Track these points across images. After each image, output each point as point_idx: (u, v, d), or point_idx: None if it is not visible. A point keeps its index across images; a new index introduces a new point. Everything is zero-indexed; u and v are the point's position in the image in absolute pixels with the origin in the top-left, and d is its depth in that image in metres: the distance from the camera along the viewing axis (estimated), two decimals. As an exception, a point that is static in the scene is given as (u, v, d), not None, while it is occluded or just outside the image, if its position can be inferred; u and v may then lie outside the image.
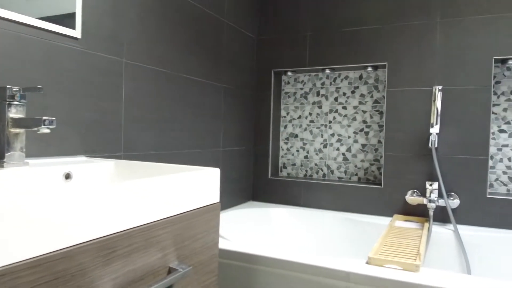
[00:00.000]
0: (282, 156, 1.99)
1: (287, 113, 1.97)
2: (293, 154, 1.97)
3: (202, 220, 0.73)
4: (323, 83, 1.90)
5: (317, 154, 1.91)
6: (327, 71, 1.79)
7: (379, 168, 1.78)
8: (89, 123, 1.01)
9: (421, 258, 1.00)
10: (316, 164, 1.92)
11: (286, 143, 1.98)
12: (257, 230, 1.67)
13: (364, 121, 1.81)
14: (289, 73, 1.88)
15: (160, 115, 1.28)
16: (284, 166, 1.99)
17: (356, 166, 1.83)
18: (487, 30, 1.48)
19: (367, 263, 1.00)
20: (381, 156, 1.77)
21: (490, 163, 1.59)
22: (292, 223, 1.72)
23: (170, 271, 0.64)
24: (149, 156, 1.23)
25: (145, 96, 1.21)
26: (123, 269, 0.54)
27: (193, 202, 0.70)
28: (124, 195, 0.54)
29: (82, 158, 0.95)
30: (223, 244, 1.16)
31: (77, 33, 0.96)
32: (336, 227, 1.64)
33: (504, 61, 1.51)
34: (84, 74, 0.99)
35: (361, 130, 1.82)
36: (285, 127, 1.98)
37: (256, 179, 1.92)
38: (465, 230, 1.45)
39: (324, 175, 1.90)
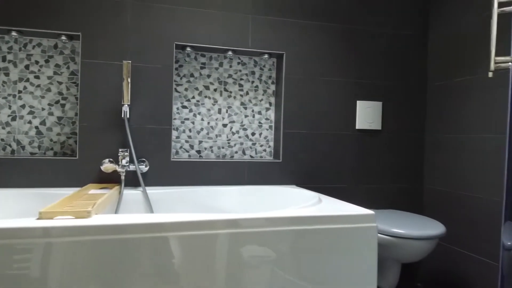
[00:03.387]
0: (-47, 131, 1.62)
1: (-40, 78, 1.62)
2: (-31, 129, 1.63)
3: None
4: (10, 48, 1.67)
5: (4, 128, 1.67)
6: (14, 33, 1.59)
7: (76, 142, 1.75)
8: None
9: (95, 207, 1.06)
10: (2, 140, 1.67)
11: (-42, 115, 1.62)
12: None
13: (60, 93, 1.73)
14: (-40, 29, 1.55)
15: None
16: (-43, 143, 1.62)
17: (51, 140, 1.72)
18: (171, 18, 1.73)
19: (37, 218, 0.96)
20: (79, 129, 1.75)
21: (176, 133, 1.87)
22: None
23: None
24: None
25: None
26: None
27: None
28: None
29: None
30: None
31: None
32: (24, 204, 1.49)
33: (184, 48, 1.81)
34: None
35: (57, 102, 1.73)
36: (-43, 95, 1.62)
37: None
38: (154, 190, 1.64)
39: (13, 151, 1.68)
